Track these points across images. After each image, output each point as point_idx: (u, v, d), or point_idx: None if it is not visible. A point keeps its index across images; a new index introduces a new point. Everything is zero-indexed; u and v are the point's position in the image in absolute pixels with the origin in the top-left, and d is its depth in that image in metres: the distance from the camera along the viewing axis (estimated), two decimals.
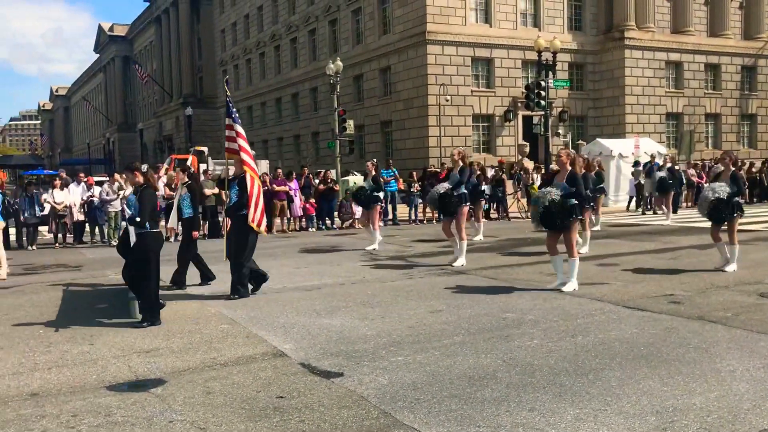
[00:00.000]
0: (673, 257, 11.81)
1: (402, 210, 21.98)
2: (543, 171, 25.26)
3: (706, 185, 12.24)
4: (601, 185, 17.12)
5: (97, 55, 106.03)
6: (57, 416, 4.64)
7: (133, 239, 7.42)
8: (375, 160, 12.39)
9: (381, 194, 15.32)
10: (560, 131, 34.54)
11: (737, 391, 4.79)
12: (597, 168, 17.78)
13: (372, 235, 14.51)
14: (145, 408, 4.76)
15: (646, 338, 6.30)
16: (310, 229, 20.10)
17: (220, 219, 18.51)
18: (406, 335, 6.67)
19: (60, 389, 5.25)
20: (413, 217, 21.41)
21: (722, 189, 9.77)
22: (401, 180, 22.63)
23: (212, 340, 6.71)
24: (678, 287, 8.80)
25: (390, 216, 21.48)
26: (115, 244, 16.93)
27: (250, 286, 9.08)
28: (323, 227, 20.40)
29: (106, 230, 17.84)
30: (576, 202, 8.62)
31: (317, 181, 20.90)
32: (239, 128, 9.46)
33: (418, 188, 21.33)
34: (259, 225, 8.97)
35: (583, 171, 12.20)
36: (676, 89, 41.06)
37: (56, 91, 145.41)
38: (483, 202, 17.95)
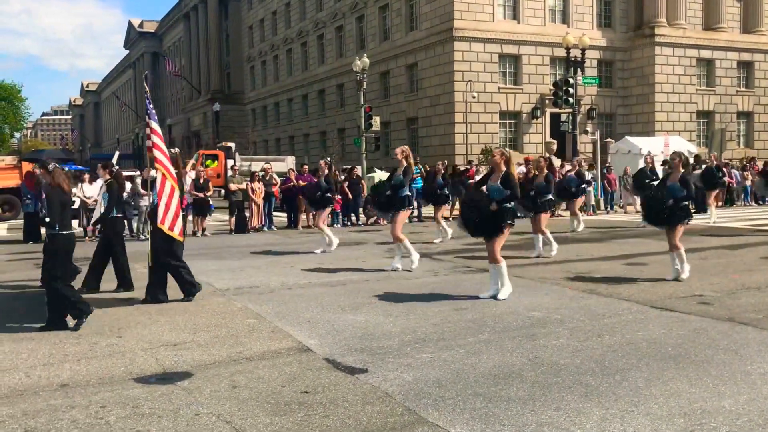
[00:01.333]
0: (702, 257, 11.64)
1: (427, 207, 21.92)
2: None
3: None
4: (583, 185, 16.87)
5: (127, 51, 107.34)
6: (86, 407, 4.71)
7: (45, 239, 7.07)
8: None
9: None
10: (588, 129, 34.19)
11: (767, 392, 4.71)
12: (577, 168, 17.59)
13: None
14: (172, 400, 4.82)
15: (674, 339, 6.22)
16: (335, 225, 20.14)
17: (247, 214, 18.68)
18: (430, 332, 6.66)
19: (89, 381, 5.34)
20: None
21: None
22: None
23: (238, 334, 6.76)
24: (707, 288, 8.68)
25: (416, 213, 21.44)
26: (144, 238, 17.17)
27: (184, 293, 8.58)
28: (348, 223, 20.44)
29: (135, 224, 18.05)
30: (510, 206, 8.07)
31: (342, 177, 20.93)
32: (154, 125, 8.91)
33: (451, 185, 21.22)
34: (171, 228, 8.26)
35: (546, 172, 12.29)
36: (708, 87, 40.43)
37: (87, 86, 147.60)
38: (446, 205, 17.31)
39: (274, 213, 19.88)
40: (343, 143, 45.77)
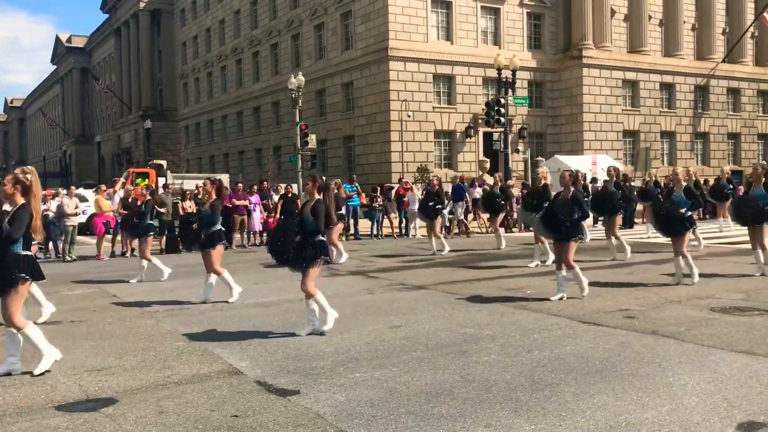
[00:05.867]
0: (629, 272, 12.01)
1: (364, 225, 21.97)
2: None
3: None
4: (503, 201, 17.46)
5: (54, 67, 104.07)
6: None
7: None
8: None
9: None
10: (520, 148, 35.01)
11: (688, 404, 4.87)
12: (499, 183, 18.24)
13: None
14: (95, 428, 4.64)
15: (601, 353, 6.38)
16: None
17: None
18: (364, 351, 6.64)
19: (5, 410, 5.09)
20: (375, 231, 21.39)
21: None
22: (363, 194, 22.63)
23: (166, 357, 6.58)
24: (633, 302, 8.95)
25: (351, 231, 21.45)
26: (69, 259, 16.57)
27: None
28: None
29: (60, 245, 17.40)
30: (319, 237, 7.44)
31: (276, 196, 20.76)
32: None
33: (381, 203, 21.35)
34: None
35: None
36: (633, 107, 42.00)
37: (11, 102, 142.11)
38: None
39: None
40: (279, 161, 45.49)
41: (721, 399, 4.96)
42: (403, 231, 21.63)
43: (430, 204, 16.06)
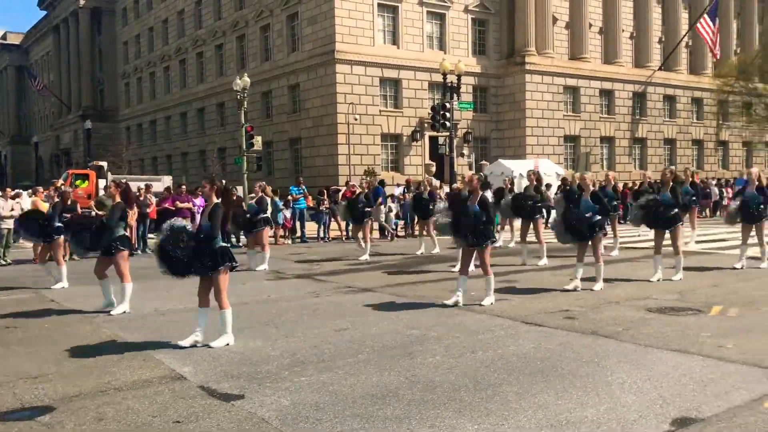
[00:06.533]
0: (571, 275, 12.27)
1: (311, 227, 21.87)
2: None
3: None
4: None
5: None
6: None
7: None
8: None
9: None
10: (465, 152, 35.45)
11: (625, 402, 5.02)
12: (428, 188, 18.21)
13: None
14: None
15: (542, 353, 6.52)
16: None
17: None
18: (310, 355, 6.62)
19: None
20: (322, 234, 21.32)
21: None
22: (310, 197, 22.53)
23: (106, 363, 6.42)
24: (573, 303, 9.17)
25: (298, 234, 21.35)
26: (4, 263, 15.99)
27: None
28: (228, 245, 19.98)
29: None
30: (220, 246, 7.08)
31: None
32: None
33: (327, 206, 21.29)
34: None
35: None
36: (574, 113, 43.00)
37: None
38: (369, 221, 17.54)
39: (150, 235, 19.11)
40: (223, 163, 44.90)
41: (657, 396, 5.14)
42: (350, 234, 21.62)
43: (359, 206, 15.84)
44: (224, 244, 7.21)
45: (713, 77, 47.63)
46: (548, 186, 25.09)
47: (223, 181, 7.00)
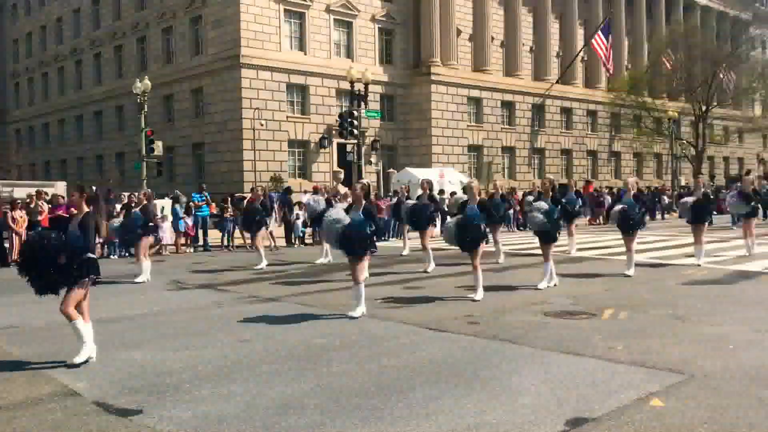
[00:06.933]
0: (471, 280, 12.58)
1: (214, 235, 21.38)
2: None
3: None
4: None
5: None
6: None
7: None
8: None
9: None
10: (372, 160, 35.70)
11: (523, 404, 5.20)
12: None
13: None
14: None
15: (446, 359, 6.65)
16: (111, 257, 18.90)
17: (6, 245, 16.93)
18: (213, 366, 6.48)
19: None
20: (226, 243, 20.90)
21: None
22: (213, 204, 22.06)
23: None
24: (476, 309, 9.40)
25: (201, 242, 20.84)
26: None
27: None
28: (126, 254, 19.26)
29: None
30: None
31: (119, 206, 19.71)
32: None
33: (231, 213, 20.89)
34: None
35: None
36: (477, 123, 44.20)
37: None
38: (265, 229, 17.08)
39: None
40: (122, 168, 43.25)
41: (553, 398, 5.35)
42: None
43: (253, 215, 15.55)
44: (92, 256, 6.75)
45: (606, 91, 50.27)
46: (453, 194, 25.66)
47: (93, 188, 6.52)
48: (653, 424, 4.74)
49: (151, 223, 13.77)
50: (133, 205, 15.60)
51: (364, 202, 9.06)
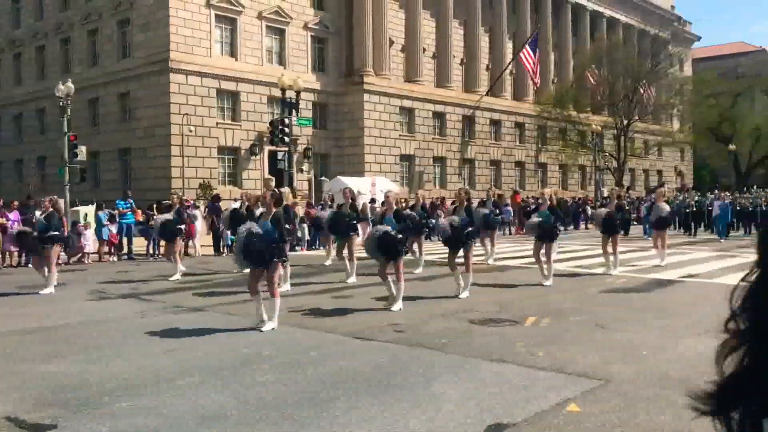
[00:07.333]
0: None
1: (139, 243, 20.84)
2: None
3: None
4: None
5: None
6: None
7: None
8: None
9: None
10: (304, 168, 35.56)
11: (446, 412, 5.29)
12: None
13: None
14: None
15: (372, 367, 6.69)
16: (29, 265, 18.13)
17: None
18: (135, 378, 6.32)
19: None
20: (152, 251, 20.39)
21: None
22: (139, 212, 21.51)
23: None
24: (403, 316, 9.49)
25: (125, 250, 20.27)
26: None
27: None
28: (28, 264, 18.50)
29: None
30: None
31: (38, 213, 18.96)
32: None
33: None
34: None
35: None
36: (409, 133, 44.65)
37: None
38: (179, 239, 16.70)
39: None
40: (43, 173, 41.64)
41: (475, 405, 5.46)
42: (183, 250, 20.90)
43: (170, 223, 15.23)
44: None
45: (534, 104, 51.67)
46: (383, 204, 25.68)
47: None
48: (570, 429, 4.90)
49: (55, 232, 12.98)
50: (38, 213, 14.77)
51: (274, 210, 8.86)
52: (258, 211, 11.28)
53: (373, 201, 25.89)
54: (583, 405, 5.42)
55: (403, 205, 15.14)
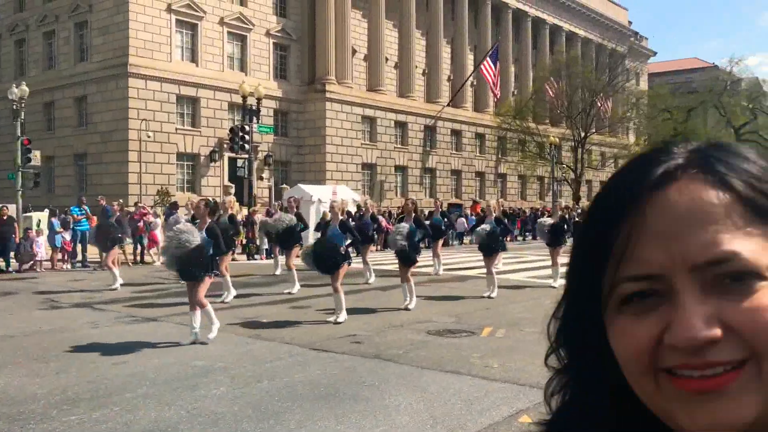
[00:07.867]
0: (359, 298, 12.70)
1: (93, 251, 20.40)
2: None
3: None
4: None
5: None
6: None
7: None
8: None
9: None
10: (264, 175, 35.38)
11: (400, 423, 5.31)
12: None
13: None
14: None
15: (327, 379, 6.68)
16: None
17: None
18: (84, 391, 6.20)
19: None
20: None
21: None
22: (94, 218, 21.06)
23: None
24: (361, 327, 9.50)
25: (79, 257, 19.85)
26: None
27: None
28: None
29: None
30: None
31: None
32: None
33: None
34: None
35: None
36: (371, 142, 44.74)
37: None
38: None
39: None
40: None
41: (428, 416, 5.49)
42: (139, 258, 20.58)
43: (109, 231, 14.94)
44: None
45: (494, 115, 52.27)
46: (349, 213, 25.62)
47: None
48: None
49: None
50: None
51: (208, 220, 8.60)
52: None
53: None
54: (536, 416, 5.49)
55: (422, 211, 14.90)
